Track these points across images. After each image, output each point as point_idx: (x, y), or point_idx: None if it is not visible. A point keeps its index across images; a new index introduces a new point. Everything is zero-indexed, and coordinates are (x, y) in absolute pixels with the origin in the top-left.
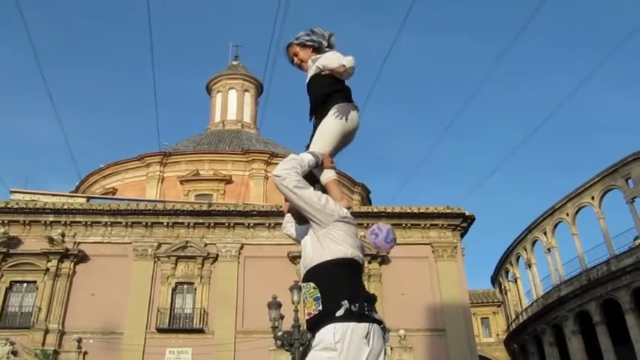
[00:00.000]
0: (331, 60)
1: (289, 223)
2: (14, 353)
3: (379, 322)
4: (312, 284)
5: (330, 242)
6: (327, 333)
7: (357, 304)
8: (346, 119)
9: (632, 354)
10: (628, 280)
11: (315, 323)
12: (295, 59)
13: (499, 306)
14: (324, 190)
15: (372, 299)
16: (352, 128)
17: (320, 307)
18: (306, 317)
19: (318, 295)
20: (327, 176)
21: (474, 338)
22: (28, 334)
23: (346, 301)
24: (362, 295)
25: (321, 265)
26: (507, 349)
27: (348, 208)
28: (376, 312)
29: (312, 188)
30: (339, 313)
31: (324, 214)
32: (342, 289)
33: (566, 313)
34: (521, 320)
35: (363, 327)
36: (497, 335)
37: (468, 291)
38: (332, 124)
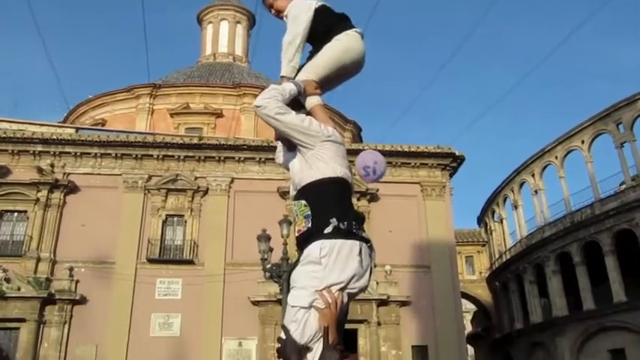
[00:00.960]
0: (299, 11)
1: (280, 153)
2: (7, 280)
3: (367, 241)
4: (303, 202)
5: (319, 162)
6: (314, 248)
7: (345, 222)
8: (346, 47)
9: (609, 293)
10: (611, 224)
11: (304, 240)
12: (272, 10)
13: (484, 245)
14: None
15: (360, 218)
16: (355, 58)
17: (309, 225)
18: (296, 234)
19: (309, 212)
20: (312, 102)
21: (458, 275)
22: (20, 262)
23: (335, 219)
24: (351, 214)
25: (312, 184)
26: (489, 287)
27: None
28: (364, 231)
29: (294, 112)
30: (327, 230)
31: (309, 135)
32: (332, 207)
33: (548, 253)
34: (504, 259)
35: (350, 244)
36: (480, 273)
37: (454, 230)
38: (327, 52)
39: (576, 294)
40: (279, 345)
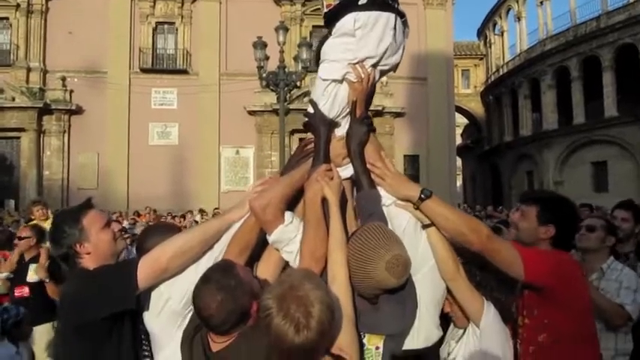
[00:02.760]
0: None
1: None
2: (0, 90)
3: (401, 15)
4: None
5: None
6: (348, 20)
7: None
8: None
9: (601, 110)
10: (614, 38)
11: (334, 15)
12: None
13: (481, 59)
14: None
15: None
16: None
17: None
18: (325, 10)
19: None
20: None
21: (453, 89)
22: (10, 72)
23: None
24: None
25: None
26: (482, 101)
27: None
28: (399, 4)
29: None
30: (362, 1)
31: None
32: None
33: (546, 67)
34: (500, 73)
35: (386, 16)
36: (475, 87)
37: (453, 42)
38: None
39: (568, 110)
40: (307, 119)
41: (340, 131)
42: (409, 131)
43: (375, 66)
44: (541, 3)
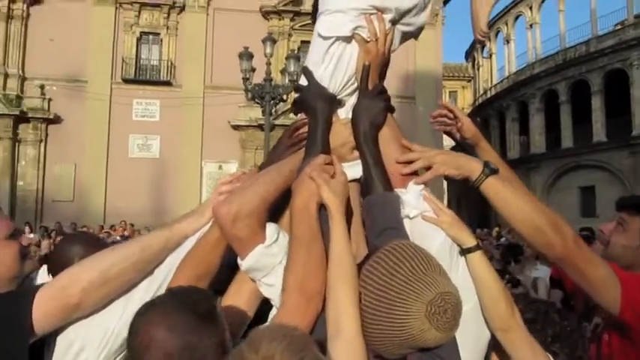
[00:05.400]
0: None
1: None
2: None
3: None
4: None
5: None
6: None
7: None
8: None
9: (589, 134)
10: (604, 62)
11: None
12: None
13: (469, 81)
14: None
15: None
16: None
17: None
18: None
19: None
20: None
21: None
22: None
23: None
24: None
25: None
26: None
27: None
28: None
29: None
30: None
31: None
32: None
33: (534, 91)
34: (488, 96)
35: None
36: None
37: (442, 62)
38: None
39: (557, 133)
40: (297, 95)
41: (346, 112)
42: None
43: (394, 23)
44: (530, 26)
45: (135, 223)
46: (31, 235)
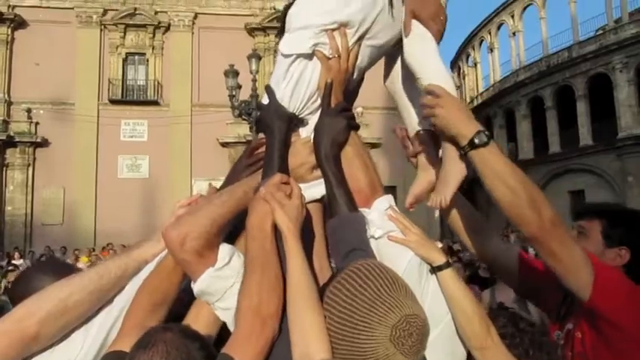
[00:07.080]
0: None
1: None
2: None
3: None
4: None
5: None
6: None
7: None
8: None
9: (575, 137)
10: (587, 67)
11: None
12: None
13: (455, 90)
14: None
15: None
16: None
17: None
18: None
19: None
20: None
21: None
22: None
23: None
24: None
25: None
26: None
27: None
28: None
29: None
30: None
31: None
32: None
33: (520, 98)
34: (475, 104)
35: None
36: None
37: None
38: None
39: (544, 139)
40: (259, 113)
41: (307, 131)
42: (386, 162)
43: (360, 38)
44: (513, 34)
45: (126, 244)
46: (21, 261)
